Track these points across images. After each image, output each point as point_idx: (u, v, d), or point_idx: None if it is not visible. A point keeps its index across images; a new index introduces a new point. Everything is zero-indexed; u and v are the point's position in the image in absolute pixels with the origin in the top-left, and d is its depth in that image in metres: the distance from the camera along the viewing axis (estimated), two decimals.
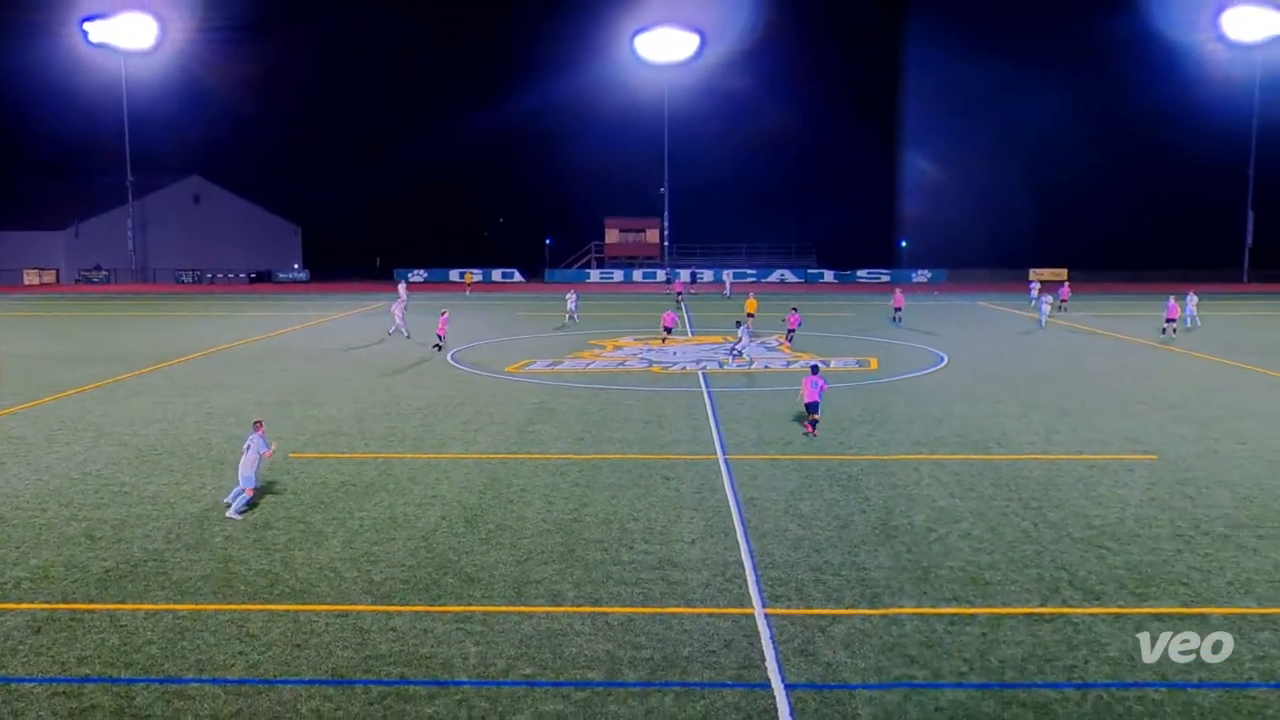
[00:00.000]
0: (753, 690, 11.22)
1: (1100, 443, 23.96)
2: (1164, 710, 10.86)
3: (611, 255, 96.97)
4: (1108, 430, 25.54)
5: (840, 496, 19.08)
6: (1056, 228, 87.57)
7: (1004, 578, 14.75)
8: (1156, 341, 45.25)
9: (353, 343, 45.27)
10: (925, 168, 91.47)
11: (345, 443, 24.12)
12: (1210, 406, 29.14)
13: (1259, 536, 16.72)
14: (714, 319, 56.73)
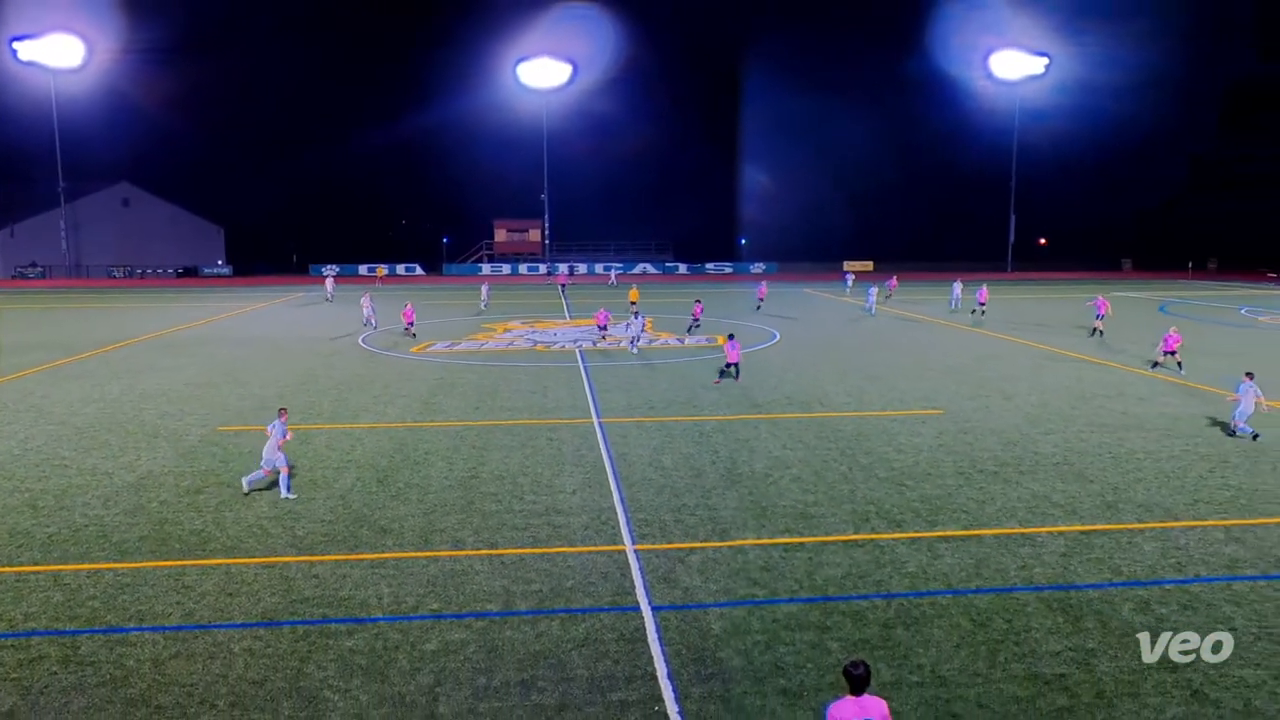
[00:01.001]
0: (625, 613, 11.65)
1: (900, 401, 25.24)
2: (949, 611, 11.74)
3: (500, 252, 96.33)
4: (906, 391, 26.86)
5: (694, 450, 19.61)
6: (864, 228, 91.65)
7: (826, 512, 15.56)
8: (949, 321, 47.29)
9: (273, 329, 43.46)
10: (760, 178, 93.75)
11: (269, 416, 23.18)
12: (985, 371, 31.00)
13: (1020, 472, 17.99)
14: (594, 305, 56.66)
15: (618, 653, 10.58)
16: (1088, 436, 20.86)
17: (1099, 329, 39.65)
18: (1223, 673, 10.01)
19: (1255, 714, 9.25)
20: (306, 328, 44.07)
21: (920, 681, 9.90)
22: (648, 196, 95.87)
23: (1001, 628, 11.19)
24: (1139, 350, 35.36)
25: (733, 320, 46.37)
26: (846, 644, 10.74)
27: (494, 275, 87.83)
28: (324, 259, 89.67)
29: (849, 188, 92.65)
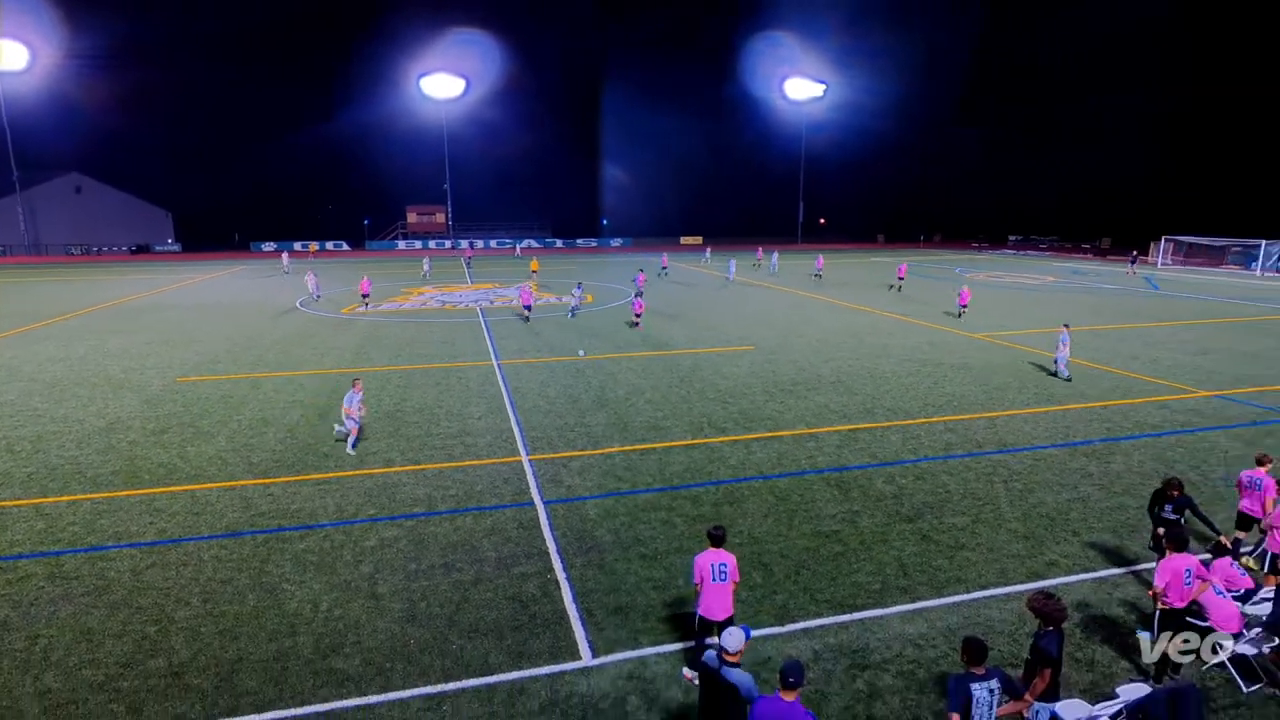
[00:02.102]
0: (523, 507, 11.64)
1: (724, 340, 25.87)
2: (760, 491, 12.29)
3: (412, 231, 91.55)
4: (728, 333, 27.55)
5: (571, 383, 19.57)
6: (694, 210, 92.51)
7: (671, 424, 15.87)
8: (772, 283, 48.12)
9: (221, 297, 39.93)
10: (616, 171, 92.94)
11: (222, 368, 21.60)
12: (786, 317, 32.10)
13: (808, 389, 18.80)
14: (496, 272, 55.03)
15: (518, 538, 10.64)
16: (854, 363, 22.13)
17: (898, 285, 41.64)
18: (940, 519, 11.09)
19: (963, 547, 10.34)
20: (252, 295, 40.79)
21: (741, 542, 10.47)
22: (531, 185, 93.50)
23: (796, 500, 11.93)
24: (889, 301, 37.56)
25: (601, 282, 46.22)
26: (687, 519, 11.19)
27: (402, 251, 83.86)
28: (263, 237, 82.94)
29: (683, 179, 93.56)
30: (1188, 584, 7.35)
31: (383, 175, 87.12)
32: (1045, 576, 9.50)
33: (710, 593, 7.27)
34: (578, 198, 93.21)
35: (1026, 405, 17.28)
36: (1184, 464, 13.37)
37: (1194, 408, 17.08)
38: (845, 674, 7.61)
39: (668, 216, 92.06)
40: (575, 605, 8.88)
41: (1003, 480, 12.67)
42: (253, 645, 8.06)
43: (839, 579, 9.47)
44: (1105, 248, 74.41)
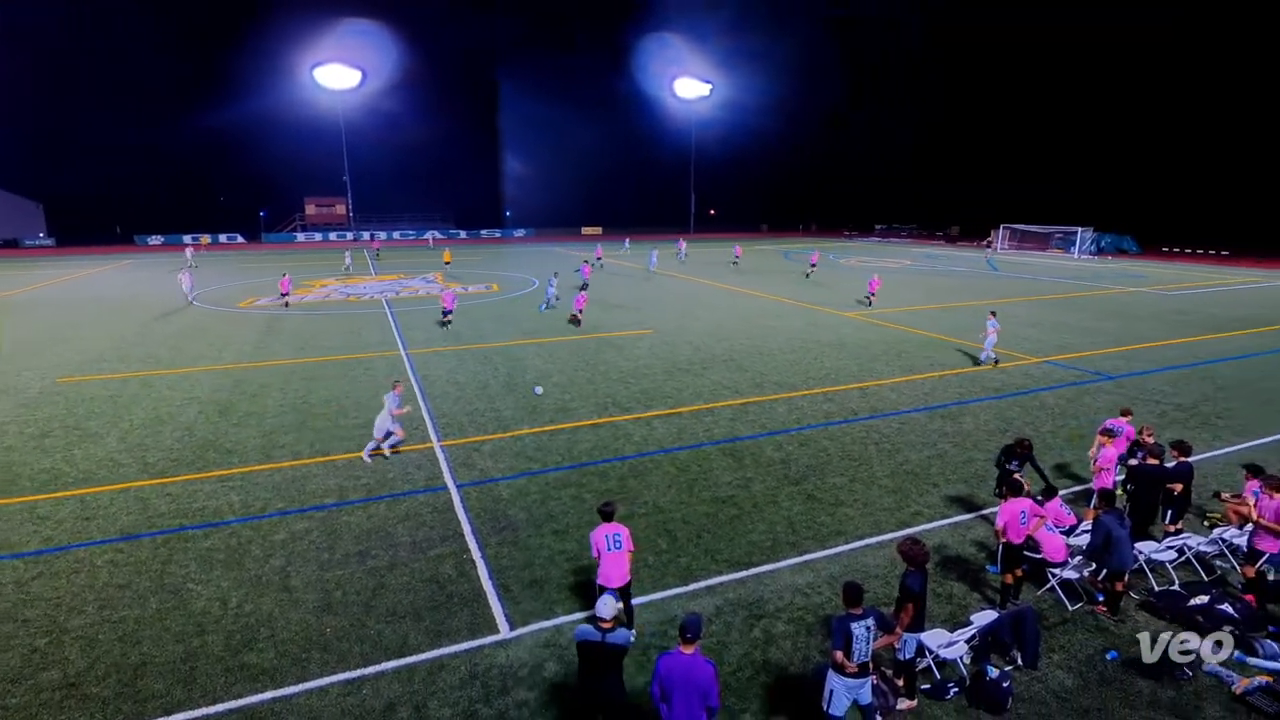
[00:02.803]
0: (436, 492, 11.34)
1: (624, 325, 25.99)
2: (662, 464, 12.48)
3: (311, 223, 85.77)
4: (631, 318, 27.63)
5: (480, 369, 19.14)
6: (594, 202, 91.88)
7: (578, 405, 15.83)
8: (676, 272, 47.43)
9: (105, 293, 36.09)
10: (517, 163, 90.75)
11: (109, 366, 19.58)
12: (684, 302, 32.63)
13: (704, 368, 19.22)
14: (404, 263, 52.60)
15: (433, 521, 10.37)
16: (744, 343, 22.84)
17: (812, 272, 42.16)
18: (823, 480, 11.71)
19: (842, 504, 10.96)
20: (141, 291, 37.17)
21: (647, 512, 10.66)
22: (433, 176, 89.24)
23: (695, 470, 12.25)
24: (779, 286, 38.90)
25: (501, 272, 45.26)
26: (596, 493, 11.26)
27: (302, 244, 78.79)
28: (149, 230, 75.48)
29: (582, 171, 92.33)
30: (1024, 523, 8.13)
31: (279, 166, 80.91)
32: (912, 525, 10.24)
33: (607, 562, 7.42)
34: (480, 189, 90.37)
35: (893, 375, 18.43)
36: (1020, 420, 14.71)
37: (1026, 372, 18.79)
38: (744, 624, 7.94)
39: (568, 207, 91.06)
40: (492, 582, 8.77)
41: (874, 443, 13.49)
42: (157, 648, 7.47)
43: (736, 539, 9.83)
44: (955, 235, 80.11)
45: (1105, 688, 6.97)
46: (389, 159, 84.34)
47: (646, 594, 8.49)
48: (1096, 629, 7.95)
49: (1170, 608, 8.18)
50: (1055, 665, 7.30)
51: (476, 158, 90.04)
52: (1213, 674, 7.09)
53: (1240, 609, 7.98)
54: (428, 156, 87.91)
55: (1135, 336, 23.53)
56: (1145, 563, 8.87)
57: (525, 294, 35.01)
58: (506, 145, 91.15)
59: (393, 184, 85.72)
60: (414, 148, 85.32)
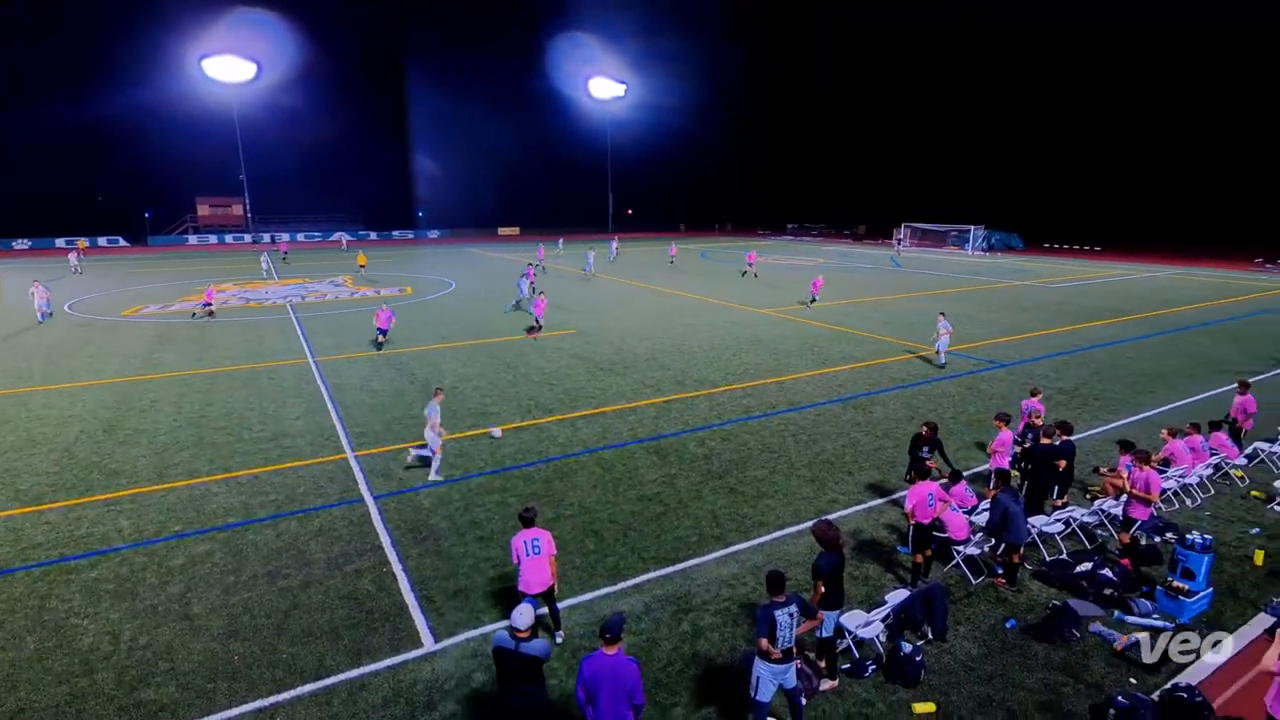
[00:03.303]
0: (352, 504, 10.86)
1: (549, 326, 25.52)
2: (587, 464, 12.41)
3: (205, 224, 79.67)
4: (550, 320, 27.20)
5: (396, 376, 18.47)
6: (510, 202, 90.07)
7: (501, 408, 15.56)
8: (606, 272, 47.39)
9: None
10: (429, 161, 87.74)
11: None
12: (606, 302, 32.48)
13: (625, 367, 19.30)
14: (314, 266, 49.82)
15: (349, 535, 9.92)
16: (665, 341, 23.07)
17: (751, 271, 42.00)
18: (744, 473, 11.99)
19: (764, 495, 11.25)
20: (7, 300, 33.64)
21: (573, 513, 10.60)
22: (339, 175, 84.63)
23: (620, 470, 12.28)
24: (698, 285, 39.47)
25: (414, 274, 43.80)
26: (521, 497, 11.10)
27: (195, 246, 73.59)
28: (13, 233, 68.38)
29: (497, 171, 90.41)
30: (931, 505, 8.62)
31: (165, 163, 74.73)
32: (829, 511, 10.64)
33: (527, 568, 7.36)
34: (390, 188, 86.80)
35: (808, 369, 19.10)
36: (925, 408, 15.57)
37: (929, 362, 19.91)
38: (672, 619, 8.02)
39: (483, 207, 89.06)
40: (414, 594, 8.48)
41: (792, 435, 13.94)
42: (37, 692, 6.80)
43: (662, 536, 9.93)
44: (861, 233, 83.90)
45: (1006, 654, 7.48)
46: (290, 157, 79.67)
47: (575, 595, 8.44)
48: (997, 600, 8.52)
49: (1059, 576, 8.87)
50: (962, 636, 7.77)
51: (385, 156, 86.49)
52: (1097, 634, 7.74)
53: (1118, 573, 8.74)
54: (332, 154, 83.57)
55: (1022, 326, 25.38)
56: (1038, 535, 9.58)
57: (440, 296, 34.07)
58: (417, 143, 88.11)
59: (294, 183, 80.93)
60: (317, 145, 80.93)
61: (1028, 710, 6.66)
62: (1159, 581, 8.50)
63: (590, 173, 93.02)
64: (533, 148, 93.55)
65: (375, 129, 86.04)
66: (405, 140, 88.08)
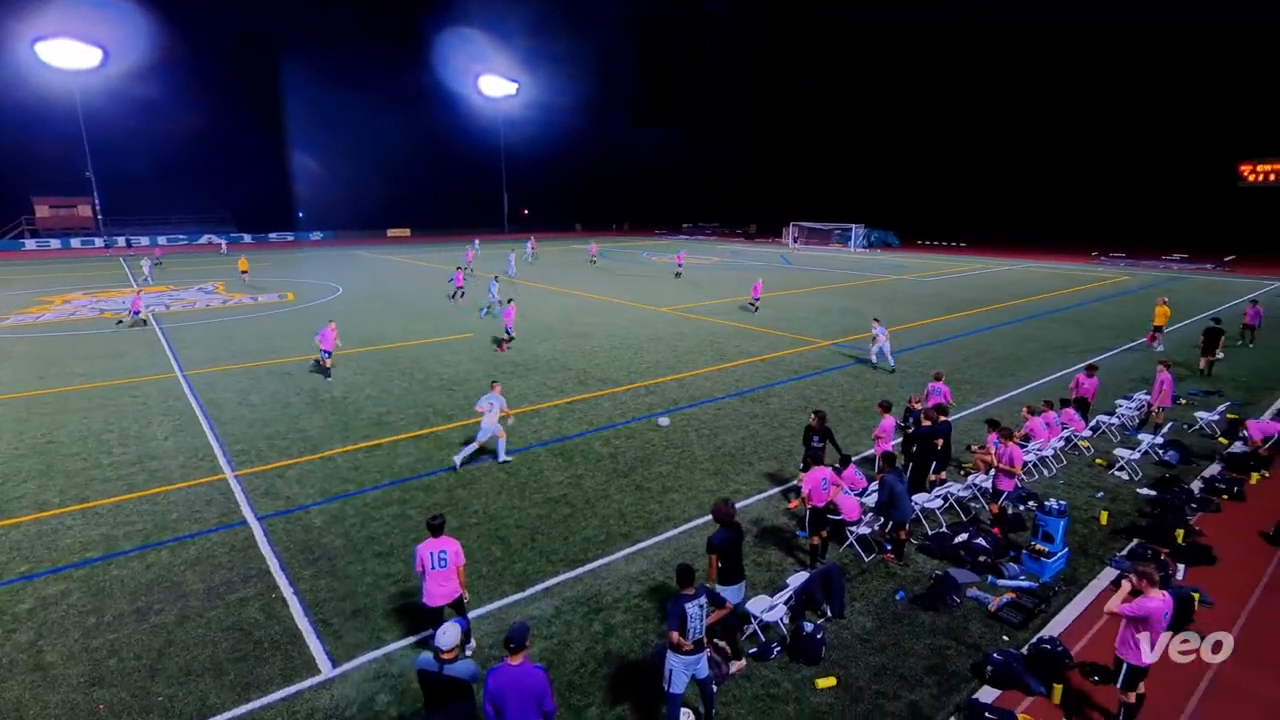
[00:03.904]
0: (233, 528, 10.07)
1: (442, 330, 24.82)
2: (491, 472, 12.24)
3: (45, 227, 70.52)
4: (444, 322, 26.46)
5: (279, 387, 17.28)
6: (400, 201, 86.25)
7: (397, 418, 14.96)
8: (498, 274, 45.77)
9: None
10: (309, 159, 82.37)
11: None
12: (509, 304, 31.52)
13: (528, 370, 19.21)
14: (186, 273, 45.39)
15: (231, 562, 9.20)
16: (566, 341, 22.94)
17: (679, 273, 41.96)
18: (650, 470, 12.14)
19: (669, 490, 11.43)
20: None
21: (478, 521, 10.33)
22: (206, 172, 77.38)
23: (525, 474, 12.09)
24: (598, 285, 39.44)
25: (298, 280, 41.16)
26: (422, 509, 10.70)
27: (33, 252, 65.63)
28: None
29: (386, 169, 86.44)
30: (825, 489, 9.07)
31: None
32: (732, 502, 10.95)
33: (431, 580, 7.12)
34: (264, 186, 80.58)
35: (707, 365, 19.59)
36: (816, 398, 16.37)
37: (819, 354, 20.95)
38: (583, 621, 8.00)
39: (371, 207, 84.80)
40: (308, 619, 7.98)
41: (694, 430, 14.25)
42: None
43: (570, 538, 9.87)
44: (753, 232, 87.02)
45: (897, 624, 8.00)
46: (145, 152, 72.14)
47: (483, 605, 8.24)
48: (887, 574, 9.09)
49: (940, 547, 9.59)
50: (858, 612, 8.24)
51: (258, 152, 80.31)
52: (974, 598, 8.43)
53: (990, 541, 9.56)
54: (196, 149, 76.50)
55: (900, 318, 27.21)
56: (921, 512, 10.31)
57: (327, 301, 32.23)
58: (295, 138, 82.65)
59: (152, 181, 73.39)
60: (178, 139, 73.83)
61: (918, 674, 7.16)
62: (1024, 546, 9.38)
63: (483, 172, 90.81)
64: (422, 146, 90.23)
65: (245, 122, 79.73)
66: (281, 135, 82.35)
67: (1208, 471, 12.14)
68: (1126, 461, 12.18)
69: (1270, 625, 7.95)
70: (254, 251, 60.55)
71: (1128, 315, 28.34)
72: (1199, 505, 10.78)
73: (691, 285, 37.52)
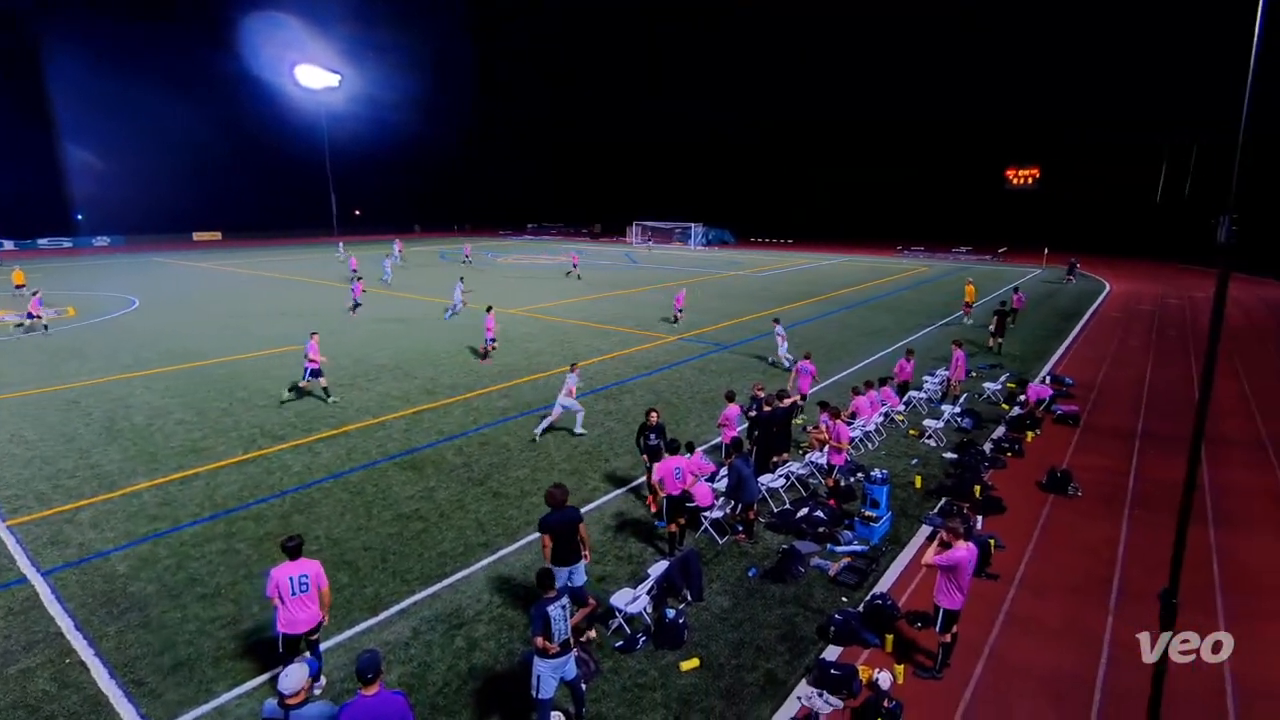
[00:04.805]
0: (10, 588, 8.58)
1: (265, 343, 22.71)
2: (333, 491, 11.37)
3: None
4: (268, 333, 24.27)
5: (61, 419, 14.88)
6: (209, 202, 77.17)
7: (216, 443, 13.46)
8: (308, 277, 43.07)
9: None
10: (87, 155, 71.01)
11: None
12: (331, 310, 29.47)
13: (368, 380, 18.07)
14: None
15: (8, 628, 7.77)
16: (409, 348, 21.84)
17: (576, 274, 40.00)
18: (506, 475, 11.90)
19: (527, 494, 11.27)
20: None
21: (320, 547, 9.55)
22: None
23: (372, 491, 11.37)
24: (438, 288, 37.79)
25: (86, 291, 35.48)
26: (252, 541, 9.70)
27: None
28: None
29: (188, 165, 76.69)
30: (679, 478, 9.41)
31: None
32: (592, 500, 11.04)
33: (292, 607, 6.54)
34: (29, 185, 68.64)
35: (558, 366, 19.54)
36: (667, 391, 16.93)
37: (668, 349, 21.68)
38: (444, 638, 7.68)
39: (173, 208, 75.02)
40: (115, 682, 6.95)
41: (551, 431, 14.16)
42: None
43: (425, 554, 9.43)
44: (598, 232, 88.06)
45: (751, 599, 8.50)
46: None
47: (332, 637, 7.64)
48: (740, 554, 9.62)
49: (785, 523, 10.31)
50: (715, 593, 8.64)
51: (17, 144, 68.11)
52: (817, 566, 9.17)
53: (827, 512, 10.44)
54: None
55: (738, 311, 28.87)
56: (766, 492, 11.02)
57: (120, 316, 28.18)
58: (68, 129, 71.07)
59: None
60: None
61: (771, 643, 7.66)
62: (855, 514, 10.34)
63: (307, 169, 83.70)
64: (231, 139, 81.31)
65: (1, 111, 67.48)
66: (50, 125, 70.49)
67: (995, 434, 14.12)
68: (933, 431, 13.83)
69: (1048, 559, 9.42)
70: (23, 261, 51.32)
71: (929, 301, 32.16)
72: (990, 463, 12.50)
73: (539, 286, 37.23)
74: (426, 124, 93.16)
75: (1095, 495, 11.32)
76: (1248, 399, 16.67)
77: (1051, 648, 7.56)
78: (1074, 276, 39.57)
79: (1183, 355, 21.34)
